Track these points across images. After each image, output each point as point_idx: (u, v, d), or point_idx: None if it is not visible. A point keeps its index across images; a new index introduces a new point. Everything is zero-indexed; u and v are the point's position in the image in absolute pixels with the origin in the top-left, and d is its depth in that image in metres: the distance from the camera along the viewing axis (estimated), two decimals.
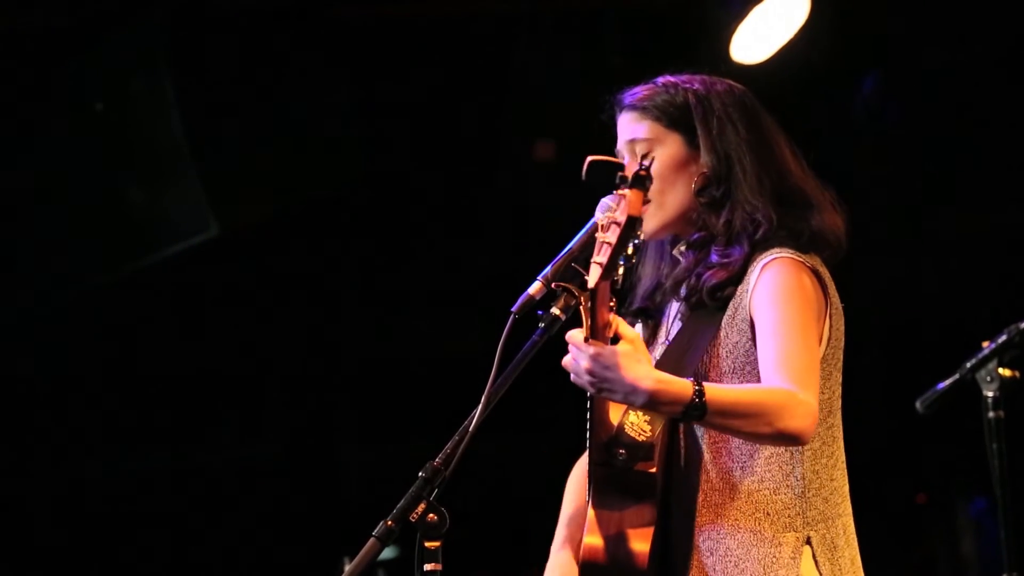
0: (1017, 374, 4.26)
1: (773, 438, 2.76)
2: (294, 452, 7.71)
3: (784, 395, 2.73)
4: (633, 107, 3.05)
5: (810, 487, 2.89)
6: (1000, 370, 4.25)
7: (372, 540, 2.67)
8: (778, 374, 2.77)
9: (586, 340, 2.64)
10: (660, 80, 3.07)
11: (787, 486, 2.88)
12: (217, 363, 7.34)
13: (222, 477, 7.52)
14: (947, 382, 4.36)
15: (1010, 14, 6.08)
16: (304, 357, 7.51)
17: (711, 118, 2.99)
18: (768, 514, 2.87)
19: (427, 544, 2.67)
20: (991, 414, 4.24)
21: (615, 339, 2.69)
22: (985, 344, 4.28)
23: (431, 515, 2.67)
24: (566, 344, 2.70)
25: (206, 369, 7.35)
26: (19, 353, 6.94)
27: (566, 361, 2.70)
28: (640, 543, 2.77)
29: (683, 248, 3.03)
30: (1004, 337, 4.26)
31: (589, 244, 2.83)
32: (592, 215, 2.87)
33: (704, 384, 2.68)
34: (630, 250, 2.59)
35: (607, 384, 2.65)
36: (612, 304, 2.69)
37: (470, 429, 2.72)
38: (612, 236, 2.58)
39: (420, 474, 2.70)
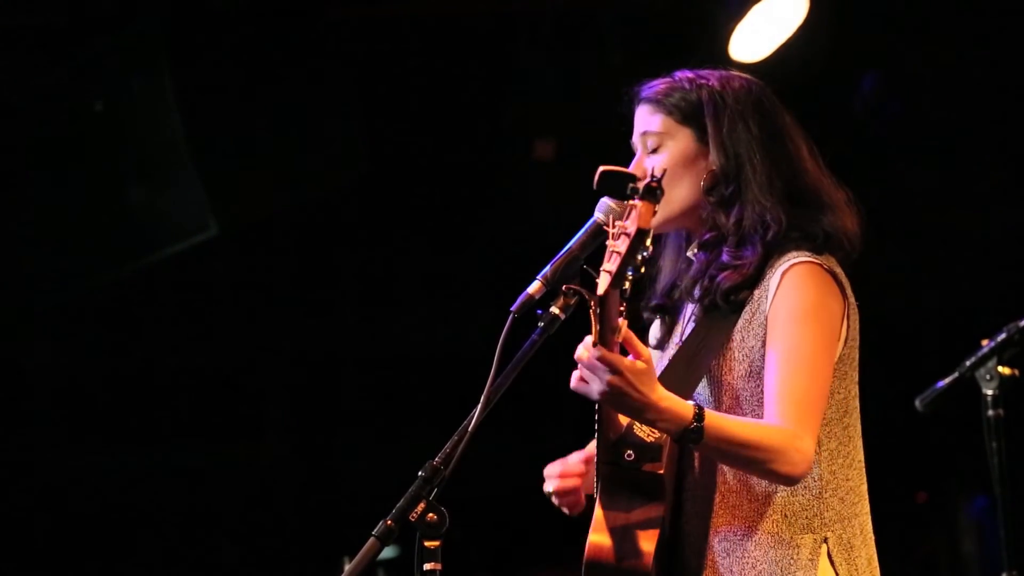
0: (1017, 372, 4.26)
1: (763, 475, 2.80)
2: (294, 451, 7.71)
3: (783, 437, 2.74)
4: (648, 100, 3.05)
5: (827, 488, 2.89)
6: (999, 368, 4.24)
7: (372, 540, 2.67)
8: (780, 409, 2.78)
9: (594, 344, 2.62)
10: (678, 74, 3.06)
11: (804, 487, 2.87)
12: (217, 362, 7.34)
13: (222, 476, 7.52)
14: (947, 380, 4.36)
15: (1009, 12, 6.08)
16: (304, 356, 7.50)
17: (722, 115, 2.97)
18: (786, 516, 2.87)
19: (427, 543, 2.67)
20: (991, 412, 4.24)
21: (622, 350, 2.66)
22: (984, 342, 4.28)
23: (430, 515, 2.67)
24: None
25: (206, 368, 7.35)
26: (19, 352, 6.94)
27: (581, 373, 2.65)
28: (646, 543, 2.76)
29: (695, 249, 3.02)
30: (1003, 335, 4.26)
31: (588, 243, 2.84)
32: (592, 214, 2.88)
33: (706, 410, 2.68)
34: (639, 260, 2.54)
35: (618, 398, 2.64)
36: (622, 309, 2.65)
37: (469, 429, 2.72)
38: (622, 246, 2.54)
39: (419, 473, 2.70)
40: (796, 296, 2.86)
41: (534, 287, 2.78)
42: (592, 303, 2.62)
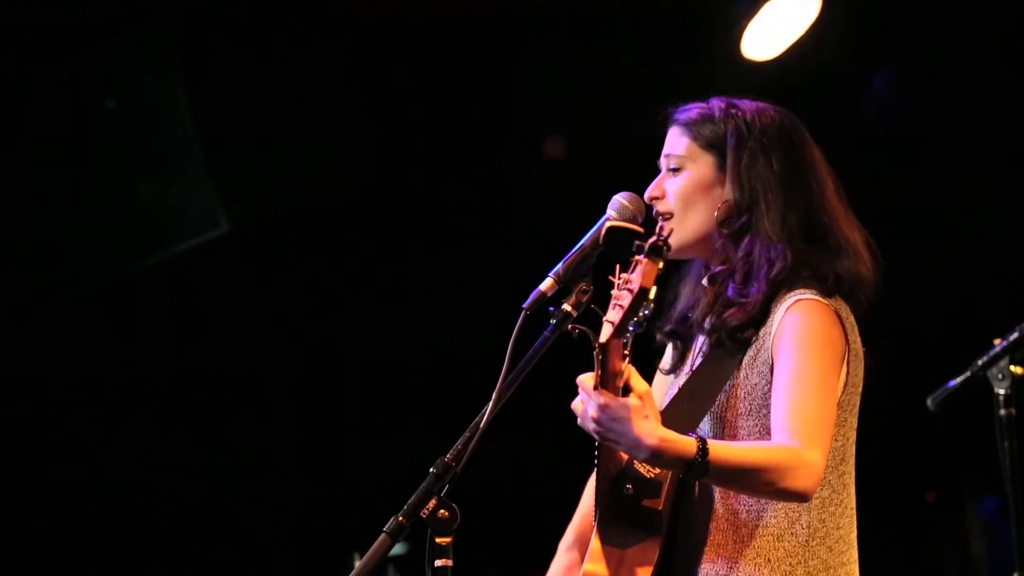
0: None
1: (775, 496, 2.77)
2: (303, 448, 7.71)
3: (789, 454, 2.72)
4: (678, 123, 3.07)
5: (815, 536, 2.88)
6: (1012, 367, 4.23)
7: (383, 536, 2.68)
8: (786, 428, 2.76)
9: (595, 388, 2.63)
10: (713, 101, 3.07)
11: (791, 534, 2.87)
12: (226, 359, 7.34)
13: (230, 475, 7.52)
14: (958, 380, 4.34)
15: (1019, 11, 6.07)
16: (312, 353, 7.50)
17: (743, 148, 2.97)
18: (769, 560, 2.86)
19: (438, 540, 2.67)
20: (1002, 412, 4.23)
21: (626, 388, 2.66)
22: (997, 341, 4.27)
23: (442, 511, 2.67)
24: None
25: (215, 365, 7.35)
26: (23, 351, 6.94)
27: (575, 405, 2.69)
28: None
29: (706, 282, 3.02)
30: (1016, 335, 4.24)
31: (600, 242, 2.84)
32: (603, 212, 2.88)
33: (709, 442, 2.66)
34: (640, 317, 2.55)
35: (612, 435, 2.64)
36: (626, 353, 2.67)
37: (481, 425, 2.73)
38: (625, 300, 2.56)
39: (431, 470, 2.70)
40: (800, 327, 2.85)
41: (546, 284, 2.79)
42: (596, 346, 2.63)
